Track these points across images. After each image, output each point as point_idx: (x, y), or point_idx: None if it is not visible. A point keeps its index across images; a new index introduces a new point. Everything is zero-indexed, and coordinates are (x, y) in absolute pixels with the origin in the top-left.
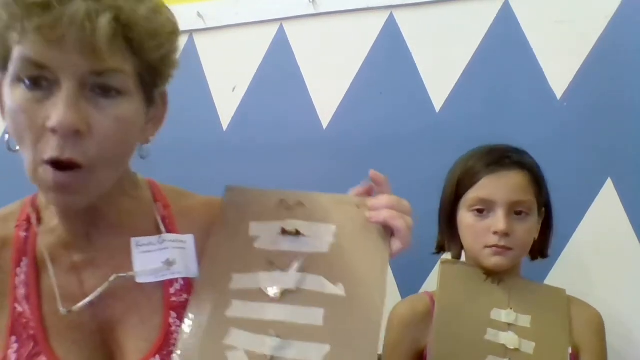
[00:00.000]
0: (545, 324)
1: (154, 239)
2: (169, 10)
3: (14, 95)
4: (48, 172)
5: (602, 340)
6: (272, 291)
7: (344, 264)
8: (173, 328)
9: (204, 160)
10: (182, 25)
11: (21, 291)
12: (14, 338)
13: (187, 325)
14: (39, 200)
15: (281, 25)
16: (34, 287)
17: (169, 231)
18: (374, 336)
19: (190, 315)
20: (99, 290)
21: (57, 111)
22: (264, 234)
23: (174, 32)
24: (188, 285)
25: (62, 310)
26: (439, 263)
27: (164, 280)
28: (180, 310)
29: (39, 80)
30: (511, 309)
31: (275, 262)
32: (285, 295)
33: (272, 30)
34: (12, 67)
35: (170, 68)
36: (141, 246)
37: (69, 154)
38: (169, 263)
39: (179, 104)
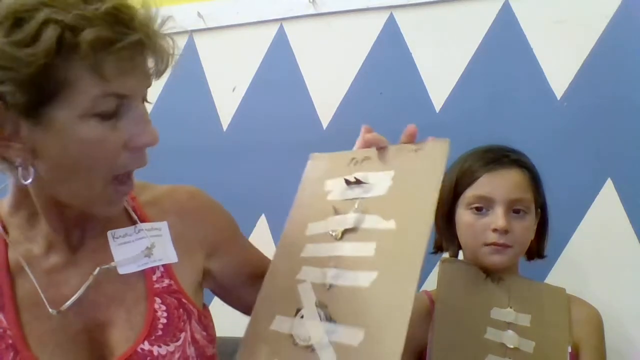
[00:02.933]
0: (545, 323)
1: (129, 229)
2: None
3: (88, 129)
4: (114, 188)
5: (601, 339)
6: (335, 232)
7: (397, 202)
8: (159, 313)
9: (204, 160)
10: (182, 25)
11: None
12: None
13: (272, 265)
14: (0, 210)
15: (281, 25)
16: (8, 296)
17: (141, 221)
18: (417, 263)
19: (275, 257)
20: (85, 285)
21: (148, 129)
22: (335, 188)
23: None
24: (168, 270)
25: (51, 311)
26: (439, 262)
27: (145, 270)
28: (165, 296)
29: (115, 109)
30: (511, 307)
31: (339, 208)
32: (346, 234)
33: (272, 30)
34: (85, 104)
35: None
36: (118, 238)
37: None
38: (147, 251)
39: (179, 104)
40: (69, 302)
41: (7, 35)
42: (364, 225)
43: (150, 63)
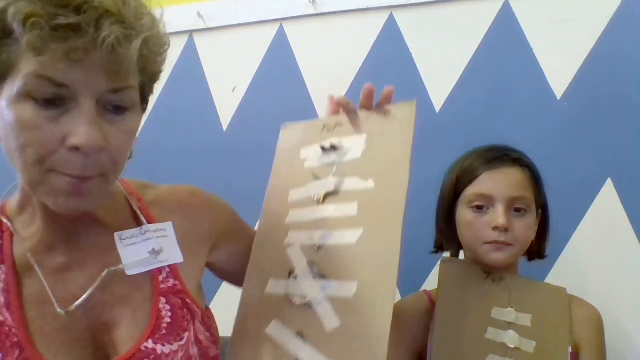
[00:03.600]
0: (545, 322)
1: (135, 231)
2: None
3: (21, 111)
4: (61, 178)
5: (601, 339)
6: (316, 196)
7: (373, 163)
8: (163, 313)
9: (204, 161)
10: (182, 25)
11: (0, 299)
12: None
13: (257, 234)
14: (8, 208)
15: (281, 25)
16: (15, 293)
17: (148, 221)
18: (399, 214)
19: (259, 227)
20: (94, 286)
21: (82, 130)
22: (311, 155)
23: (168, 42)
24: (174, 271)
25: (60, 311)
26: (439, 262)
27: (151, 270)
28: (169, 295)
29: (54, 98)
30: (512, 307)
31: (318, 174)
32: (327, 197)
33: (272, 30)
34: (20, 83)
35: (162, 71)
36: (125, 240)
37: (89, 171)
38: (154, 252)
39: (179, 104)
40: (77, 303)
41: None
42: (344, 188)
43: (111, 61)
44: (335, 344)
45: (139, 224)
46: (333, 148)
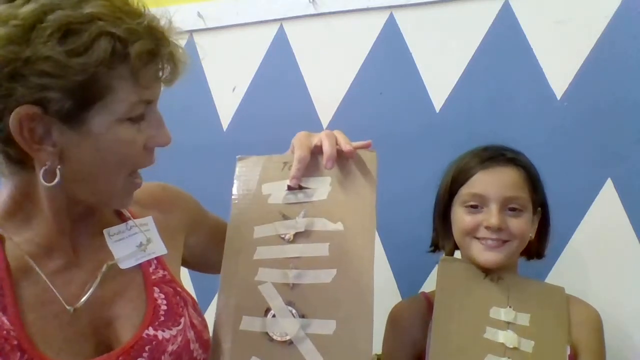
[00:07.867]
0: (544, 322)
1: (122, 226)
2: None
3: (121, 131)
4: (132, 182)
5: (600, 339)
6: (287, 235)
7: (340, 206)
8: (159, 301)
9: (204, 160)
10: (182, 25)
11: None
12: None
13: (223, 270)
14: None
15: (281, 25)
16: (10, 297)
17: (129, 218)
18: (369, 257)
19: (224, 263)
20: (96, 281)
21: (164, 132)
22: (274, 192)
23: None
24: (161, 262)
25: (68, 308)
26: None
27: (142, 263)
28: (161, 285)
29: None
30: (510, 307)
31: (286, 213)
32: (297, 237)
33: (272, 30)
34: (123, 109)
35: None
36: (113, 235)
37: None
38: (142, 246)
39: (179, 104)
40: (83, 299)
41: (60, 45)
42: (313, 228)
43: (167, 71)
44: None
45: (122, 220)
46: (300, 187)
